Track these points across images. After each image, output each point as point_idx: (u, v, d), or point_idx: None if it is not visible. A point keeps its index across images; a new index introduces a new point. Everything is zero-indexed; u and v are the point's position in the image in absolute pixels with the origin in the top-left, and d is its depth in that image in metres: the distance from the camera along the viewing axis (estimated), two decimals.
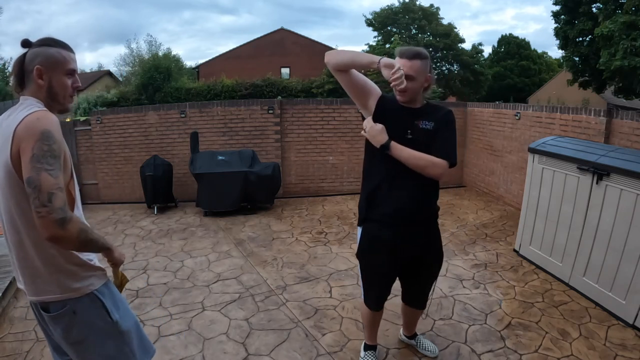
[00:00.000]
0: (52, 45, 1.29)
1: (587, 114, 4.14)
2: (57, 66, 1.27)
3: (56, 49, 1.28)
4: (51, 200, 1.10)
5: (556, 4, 16.43)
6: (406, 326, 2.44)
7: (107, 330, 1.34)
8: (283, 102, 6.06)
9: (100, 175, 5.96)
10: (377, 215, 1.89)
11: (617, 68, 13.02)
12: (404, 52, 1.76)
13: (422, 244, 1.93)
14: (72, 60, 1.31)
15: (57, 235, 1.11)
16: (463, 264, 3.62)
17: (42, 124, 1.16)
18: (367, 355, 2.30)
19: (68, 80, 1.30)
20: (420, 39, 26.86)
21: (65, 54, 1.29)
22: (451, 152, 1.77)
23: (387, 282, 2.05)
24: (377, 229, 1.90)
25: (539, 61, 32.61)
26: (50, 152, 1.14)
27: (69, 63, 1.30)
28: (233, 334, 2.60)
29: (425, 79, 1.76)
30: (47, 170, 1.12)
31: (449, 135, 1.80)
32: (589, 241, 2.94)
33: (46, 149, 1.13)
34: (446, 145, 1.77)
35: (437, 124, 1.78)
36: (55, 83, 1.28)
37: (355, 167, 6.22)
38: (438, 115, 1.81)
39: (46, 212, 1.09)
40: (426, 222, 1.94)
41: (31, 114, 1.18)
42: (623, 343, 2.45)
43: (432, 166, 1.72)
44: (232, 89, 15.44)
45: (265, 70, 17.50)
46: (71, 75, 1.31)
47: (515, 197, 5.21)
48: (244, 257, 3.85)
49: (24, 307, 2.92)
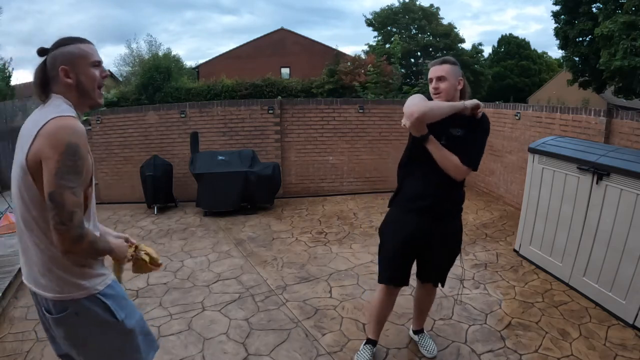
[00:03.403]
0: (69, 43, 1.28)
1: (587, 114, 4.14)
2: (81, 61, 1.27)
3: (74, 45, 1.27)
4: (72, 219, 1.12)
5: (556, 4, 16.44)
6: (416, 316, 2.45)
7: (112, 330, 1.34)
8: (283, 102, 6.05)
9: (100, 175, 5.96)
10: (402, 201, 2.08)
11: (617, 68, 13.03)
12: (433, 62, 1.97)
13: (440, 234, 2.04)
14: (93, 51, 1.30)
15: (71, 250, 1.15)
16: (463, 264, 3.62)
17: (69, 135, 1.15)
18: (365, 350, 2.29)
19: (95, 72, 1.30)
20: (420, 39, 26.90)
21: (84, 47, 1.29)
22: (474, 159, 1.91)
23: (404, 259, 2.12)
24: (401, 212, 2.08)
25: (539, 61, 32.63)
26: (75, 168, 1.14)
27: (92, 55, 1.29)
28: (233, 334, 2.60)
29: (458, 81, 1.92)
30: (71, 188, 1.13)
31: (476, 142, 1.93)
32: (589, 241, 2.94)
33: (70, 164, 1.13)
34: (471, 151, 1.90)
35: (467, 131, 1.90)
36: (84, 77, 1.28)
37: (355, 167, 6.23)
38: (470, 122, 1.92)
39: (65, 230, 1.12)
40: (447, 214, 2.05)
41: (58, 119, 1.17)
42: (623, 343, 2.45)
43: (454, 169, 1.88)
44: (232, 89, 15.45)
45: (265, 70, 17.50)
46: (97, 67, 1.31)
47: (515, 197, 5.21)
48: (244, 257, 3.85)
49: (24, 307, 2.92)
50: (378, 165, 6.21)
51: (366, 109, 6.12)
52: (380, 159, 6.22)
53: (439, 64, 1.92)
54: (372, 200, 5.74)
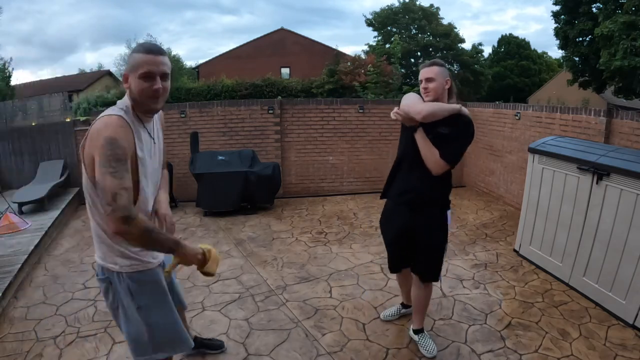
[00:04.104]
0: (136, 50, 1.35)
1: (587, 114, 4.14)
2: (133, 70, 1.34)
3: (136, 54, 1.34)
4: (115, 199, 1.22)
5: (556, 4, 16.44)
6: (414, 314, 2.48)
7: (132, 313, 1.49)
8: (283, 102, 6.05)
9: None
10: (392, 191, 2.32)
11: (617, 68, 13.04)
12: (423, 65, 2.16)
13: (422, 227, 2.21)
14: (147, 63, 1.32)
15: (121, 231, 1.23)
16: (463, 264, 3.62)
17: (107, 131, 1.28)
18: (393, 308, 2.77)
19: (144, 83, 1.33)
20: (420, 39, 26.89)
21: (139, 57, 1.33)
22: (452, 155, 2.06)
23: (395, 250, 2.42)
24: (393, 205, 2.34)
25: (539, 61, 32.63)
26: (114, 156, 1.25)
27: (142, 66, 1.32)
28: (233, 334, 2.60)
29: (445, 81, 2.10)
30: (111, 172, 1.24)
31: (457, 141, 2.07)
32: (589, 241, 2.94)
33: (109, 154, 1.25)
34: (451, 148, 2.06)
35: (452, 130, 2.05)
36: (134, 86, 1.35)
37: (355, 167, 6.23)
38: (456, 122, 2.05)
39: (111, 211, 1.22)
40: (427, 208, 2.21)
41: (102, 118, 1.32)
42: (623, 343, 2.45)
43: (433, 160, 2.07)
44: (232, 89, 15.46)
45: (265, 70, 17.51)
46: (147, 79, 1.33)
47: (515, 197, 5.21)
48: (244, 257, 3.85)
49: (24, 307, 2.92)
50: (378, 165, 6.21)
51: (366, 109, 6.12)
52: (380, 159, 6.22)
53: (428, 67, 2.11)
54: (372, 200, 5.74)
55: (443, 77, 2.09)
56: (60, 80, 25.10)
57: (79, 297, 3.08)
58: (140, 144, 1.40)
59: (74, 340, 2.51)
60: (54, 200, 5.20)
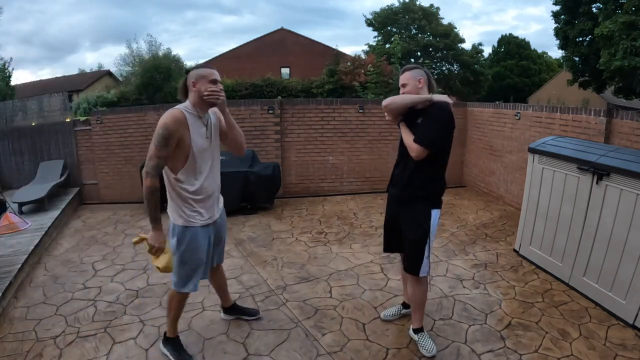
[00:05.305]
0: (198, 67, 2.14)
1: (587, 114, 4.14)
2: (202, 78, 2.06)
3: (200, 69, 2.11)
4: (148, 162, 1.96)
5: (556, 4, 16.44)
6: (412, 313, 2.50)
7: (175, 251, 2.17)
8: (283, 102, 6.05)
9: (101, 175, 5.96)
10: (389, 187, 2.50)
11: (617, 68, 13.04)
12: (401, 71, 2.38)
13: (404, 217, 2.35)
14: (210, 74, 2.08)
15: (142, 179, 1.99)
16: (463, 264, 3.62)
17: (165, 118, 1.97)
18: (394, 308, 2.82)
19: (211, 85, 2.07)
20: (420, 39, 26.88)
21: (201, 71, 2.09)
22: (423, 138, 2.16)
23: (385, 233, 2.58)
24: (389, 196, 2.51)
25: (539, 61, 32.64)
26: (162, 135, 1.94)
27: (210, 75, 2.07)
28: (233, 334, 2.60)
29: (418, 80, 2.27)
30: (155, 144, 1.95)
31: (429, 125, 2.19)
32: (589, 241, 2.94)
33: (160, 132, 1.94)
34: (423, 132, 2.18)
35: (424, 119, 2.21)
36: (203, 88, 2.05)
37: (355, 167, 6.23)
38: (427, 112, 2.21)
39: (144, 165, 1.99)
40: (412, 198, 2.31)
41: (168, 111, 2.01)
42: (623, 343, 2.45)
43: (409, 146, 2.21)
44: (232, 89, 15.46)
45: (265, 70, 17.51)
46: (212, 83, 2.07)
47: (515, 197, 5.21)
48: (244, 257, 3.85)
49: (24, 307, 2.93)
50: (378, 165, 6.21)
51: (366, 109, 6.12)
52: (380, 159, 6.22)
53: (402, 74, 2.34)
54: (372, 200, 5.74)
55: (415, 78, 2.27)
56: (60, 80, 25.11)
57: (79, 297, 3.08)
58: (194, 129, 2.05)
59: (74, 340, 2.52)
60: (54, 200, 5.20)
